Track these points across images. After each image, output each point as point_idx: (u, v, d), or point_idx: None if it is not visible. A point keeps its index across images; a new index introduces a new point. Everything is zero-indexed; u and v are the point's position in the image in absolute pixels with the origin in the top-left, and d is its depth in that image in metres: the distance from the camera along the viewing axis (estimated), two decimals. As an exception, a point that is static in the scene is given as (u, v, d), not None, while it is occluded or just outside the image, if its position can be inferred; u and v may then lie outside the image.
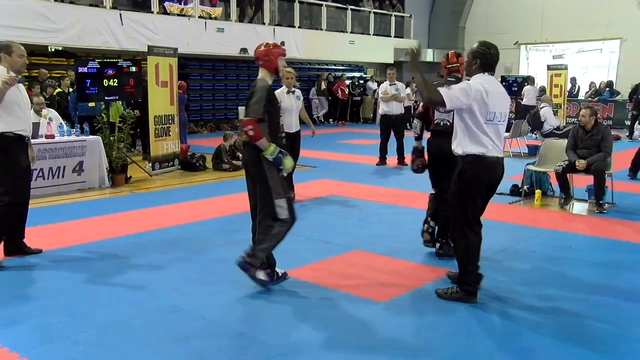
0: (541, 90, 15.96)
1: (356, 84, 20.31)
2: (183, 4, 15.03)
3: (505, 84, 16.32)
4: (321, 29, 18.90)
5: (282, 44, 17.48)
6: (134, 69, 9.08)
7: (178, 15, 14.94)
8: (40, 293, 4.14)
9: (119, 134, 8.56)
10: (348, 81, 20.18)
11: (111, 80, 8.73)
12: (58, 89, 10.68)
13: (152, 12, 14.29)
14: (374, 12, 20.91)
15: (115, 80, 8.75)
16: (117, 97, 9.32)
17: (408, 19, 22.30)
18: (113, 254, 5.01)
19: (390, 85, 10.27)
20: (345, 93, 18.99)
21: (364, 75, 21.79)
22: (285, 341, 3.37)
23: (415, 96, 18.34)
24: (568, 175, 6.84)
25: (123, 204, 7.07)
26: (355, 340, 3.40)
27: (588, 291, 4.19)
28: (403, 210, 6.73)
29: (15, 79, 4.54)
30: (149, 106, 9.23)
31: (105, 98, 8.93)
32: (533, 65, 22.15)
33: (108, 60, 9.19)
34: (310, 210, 6.74)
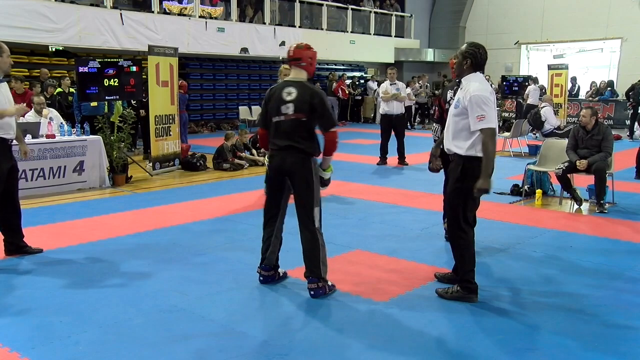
0: (541, 89, 15.94)
1: (357, 83, 20.30)
2: (181, 2, 15.02)
3: (506, 84, 16.31)
4: (322, 29, 18.90)
5: (283, 43, 17.57)
6: (134, 68, 9.08)
7: (179, 15, 14.94)
8: (41, 293, 4.13)
9: (120, 133, 8.56)
10: (348, 81, 20.17)
11: (112, 80, 8.73)
12: (58, 89, 10.68)
13: (153, 12, 14.29)
14: (375, 12, 20.91)
15: (116, 80, 8.76)
16: (118, 97, 9.32)
17: (409, 19, 22.30)
18: (114, 254, 5.01)
19: (391, 85, 10.27)
20: (345, 93, 18.99)
21: (365, 75, 21.79)
22: (286, 341, 3.37)
23: (418, 97, 18.38)
24: (569, 175, 6.83)
25: (123, 204, 7.07)
26: (356, 340, 3.40)
27: (589, 291, 4.19)
28: (404, 210, 6.73)
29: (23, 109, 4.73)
30: (150, 106, 9.24)
31: (106, 98, 8.93)
32: (534, 65, 22.14)
33: (109, 60, 9.19)
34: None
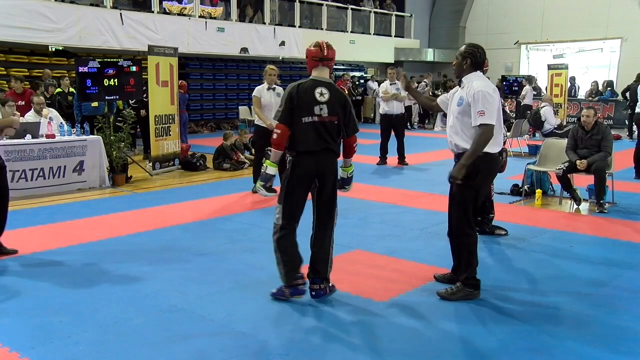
0: (534, 89, 15.95)
1: (357, 83, 20.30)
2: (181, 2, 15.02)
3: (506, 84, 16.30)
4: (322, 29, 18.89)
5: (283, 43, 17.57)
6: (134, 68, 9.08)
7: (178, 15, 14.94)
8: (41, 293, 4.13)
9: (120, 133, 8.56)
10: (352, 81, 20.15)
11: (112, 79, 8.73)
12: (58, 89, 10.68)
13: (153, 12, 14.29)
14: (375, 12, 20.90)
15: (116, 80, 8.76)
16: (118, 97, 9.32)
17: (408, 19, 22.29)
18: (113, 254, 5.01)
19: (391, 85, 10.27)
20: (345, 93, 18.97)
21: (365, 75, 21.78)
22: (286, 341, 3.37)
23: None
24: (569, 175, 6.83)
25: (123, 204, 7.07)
26: (356, 340, 3.40)
27: (589, 290, 4.19)
28: (404, 209, 6.73)
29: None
30: (150, 106, 9.24)
31: (106, 98, 8.93)
32: (533, 64, 22.15)
33: (108, 60, 9.20)
34: (311, 210, 6.71)
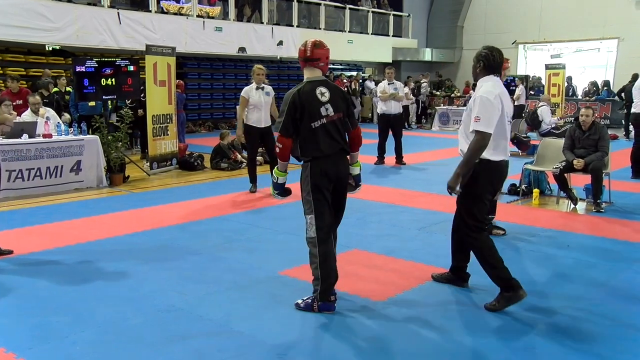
0: (532, 88, 15.97)
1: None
2: (179, 2, 15.00)
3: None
4: (319, 29, 18.88)
5: (281, 43, 17.56)
6: (132, 68, 9.07)
7: (176, 14, 14.93)
8: (38, 293, 4.13)
9: (117, 133, 8.55)
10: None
11: (109, 79, 8.72)
12: (55, 89, 10.66)
13: (151, 11, 14.27)
14: (372, 12, 20.91)
15: (113, 79, 8.74)
16: (115, 97, 9.30)
17: (406, 19, 22.30)
18: (111, 254, 5.01)
19: (389, 85, 10.28)
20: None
21: (363, 75, 21.78)
22: (284, 341, 3.37)
23: (421, 97, 18.47)
24: (566, 174, 6.85)
25: (121, 204, 7.07)
26: (354, 340, 3.40)
27: (585, 289, 4.20)
28: (401, 209, 6.74)
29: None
30: (147, 105, 9.23)
31: (103, 97, 8.92)
32: (531, 64, 22.18)
33: (106, 59, 9.18)
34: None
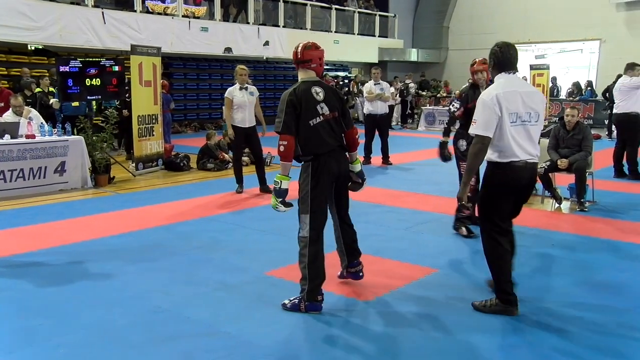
0: None
1: (341, 83, 20.34)
2: (164, 2, 14.91)
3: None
4: (306, 29, 18.90)
5: (267, 43, 17.52)
6: (117, 68, 9.00)
7: (162, 14, 14.83)
8: (22, 295, 4.08)
9: (102, 133, 8.48)
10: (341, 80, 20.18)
11: (94, 79, 8.65)
12: (38, 89, 10.53)
13: (136, 11, 14.17)
14: (358, 12, 20.96)
15: (98, 79, 8.67)
16: (100, 97, 9.23)
17: (392, 19, 22.39)
18: (97, 255, 4.96)
19: (375, 85, 10.31)
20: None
21: (349, 75, 21.83)
22: (271, 341, 3.36)
23: (409, 97, 18.58)
24: (550, 174, 6.92)
25: (106, 205, 7.00)
26: (340, 340, 3.41)
27: (569, 287, 4.25)
28: (388, 209, 6.76)
29: None
30: (132, 106, 9.16)
31: (88, 98, 8.84)
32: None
33: (90, 59, 9.10)
34: (295, 210, 6.71)
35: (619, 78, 14.29)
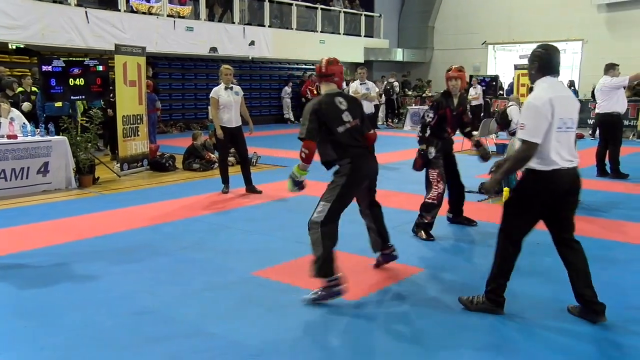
0: (497, 88, 16.50)
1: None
2: (149, 1, 14.81)
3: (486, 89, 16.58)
4: (291, 29, 18.89)
5: (252, 43, 17.47)
6: (101, 68, 8.92)
7: (146, 13, 14.73)
8: (4, 298, 4.02)
9: (86, 134, 8.39)
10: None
11: (77, 79, 8.56)
12: (20, 88, 10.39)
13: (120, 11, 14.05)
14: (344, 12, 21.00)
15: (82, 79, 8.58)
16: (84, 97, 9.14)
17: (378, 19, 22.46)
18: (82, 256, 4.91)
19: (361, 85, 10.33)
20: (314, 93, 18.98)
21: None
22: (258, 341, 3.36)
23: (395, 95, 18.70)
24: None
25: (91, 205, 6.94)
26: (327, 340, 3.42)
27: (554, 285, 4.29)
28: (374, 208, 6.77)
29: None
30: (117, 106, 9.08)
31: (72, 97, 8.74)
32: (501, 64, 22.58)
33: (74, 58, 9.01)
34: (282, 210, 6.73)
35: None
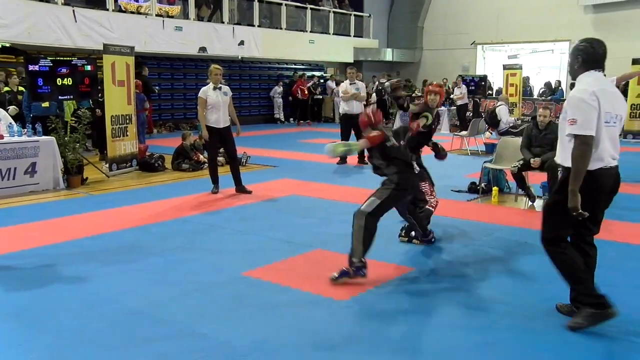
0: (487, 88, 16.64)
1: (317, 83, 20.37)
2: (137, 0, 14.72)
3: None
4: (281, 28, 18.86)
5: (242, 43, 17.43)
6: (89, 67, 8.85)
7: (135, 13, 14.63)
8: (-8, 299, 3.98)
9: (75, 134, 8.32)
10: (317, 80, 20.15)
11: (65, 79, 8.48)
12: (6, 88, 10.28)
13: (108, 10, 13.95)
14: (334, 12, 21.00)
15: (70, 79, 8.51)
16: (72, 97, 9.06)
17: (367, 19, 22.49)
18: (70, 257, 4.87)
19: (351, 85, 10.35)
20: (305, 93, 19.01)
21: (324, 75, 21.87)
22: (248, 342, 3.35)
23: (383, 92, 18.72)
24: (524, 172, 7.04)
25: (79, 206, 6.88)
26: (317, 340, 3.41)
27: (543, 285, 4.32)
28: (364, 208, 6.78)
29: None
30: (106, 106, 9.02)
31: (59, 97, 8.67)
32: (489, 64, 22.71)
33: (61, 58, 8.93)
34: (272, 210, 6.72)
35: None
